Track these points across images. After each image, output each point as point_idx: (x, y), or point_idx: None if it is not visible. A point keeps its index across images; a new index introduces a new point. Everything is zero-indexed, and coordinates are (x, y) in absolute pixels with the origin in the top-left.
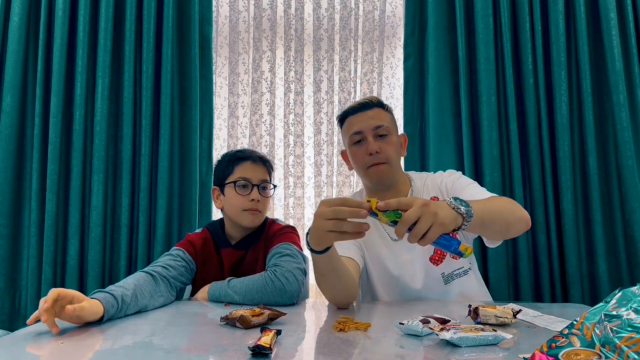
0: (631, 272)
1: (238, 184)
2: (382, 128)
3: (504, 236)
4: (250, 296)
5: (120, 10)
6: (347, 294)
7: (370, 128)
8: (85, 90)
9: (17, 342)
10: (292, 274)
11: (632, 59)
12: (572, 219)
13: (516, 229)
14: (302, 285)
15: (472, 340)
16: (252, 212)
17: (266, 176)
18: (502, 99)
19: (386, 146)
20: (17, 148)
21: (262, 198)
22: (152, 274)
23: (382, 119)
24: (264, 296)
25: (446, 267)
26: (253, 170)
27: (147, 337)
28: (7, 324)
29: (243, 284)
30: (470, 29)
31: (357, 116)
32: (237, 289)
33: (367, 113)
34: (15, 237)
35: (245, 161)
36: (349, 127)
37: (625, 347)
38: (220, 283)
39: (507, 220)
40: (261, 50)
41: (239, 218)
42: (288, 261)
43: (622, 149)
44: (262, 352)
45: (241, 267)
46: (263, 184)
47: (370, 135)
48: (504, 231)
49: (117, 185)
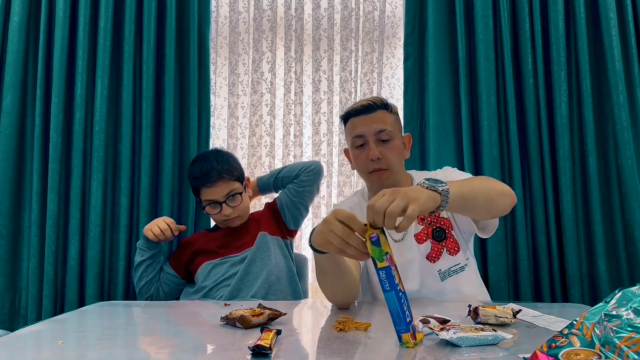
0: (631, 272)
1: (207, 206)
2: (385, 133)
3: (490, 212)
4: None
5: (120, 10)
6: (347, 293)
7: (373, 132)
8: (85, 90)
9: (17, 342)
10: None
11: (632, 59)
12: (572, 219)
13: (501, 203)
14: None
15: (472, 340)
16: (231, 221)
17: (229, 187)
18: (502, 99)
19: (388, 152)
20: (17, 148)
21: (233, 208)
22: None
23: (385, 122)
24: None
25: (442, 264)
26: (213, 192)
27: (147, 337)
28: (7, 324)
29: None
30: (470, 29)
31: (360, 119)
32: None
33: (370, 116)
34: (16, 237)
35: (204, 186)
36: (351, 129)
37: (625, 347)
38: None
39: (489, 195)
40: (261, 50)
41: (221, 225)
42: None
43: (622, 149)
44: (262, 352)
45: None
46: (230, 195)
47: (372, 140)
48: (488, 207)
49: (116, 186)
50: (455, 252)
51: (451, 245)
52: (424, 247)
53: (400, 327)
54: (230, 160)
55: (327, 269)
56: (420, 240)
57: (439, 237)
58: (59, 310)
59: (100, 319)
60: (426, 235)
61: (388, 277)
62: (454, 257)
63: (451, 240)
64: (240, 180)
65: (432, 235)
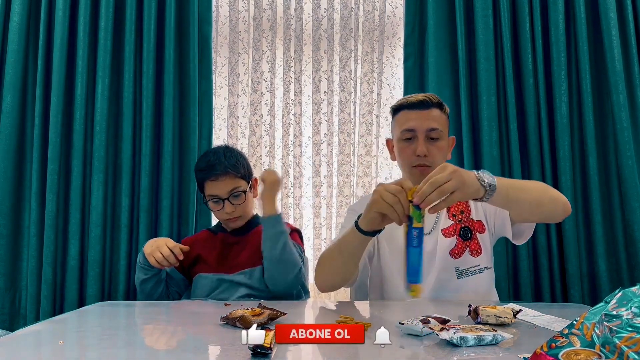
0: (631, 272)
1: (210, 201)
2: (436, 132)
3: (535, 215)
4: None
5: (121, 10)
6: (345, 276)
7: (424, 129)
8: (86, 90)
9: (17, 342)
10: (292, 251)
11: (632, 59)
12: (572, 219)
13: (550, 210)
14: (299, 279)
15: (472, 340)
16: (232, 221)
17: (234, 183)
18: (502, 99)
19: (435, 150)
20: (17, 148)
21: (235, 207)
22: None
23: (438, 121)
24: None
25: (462, 263)
26: (217, 186)
27: (147, 336)
28: (7, 324)
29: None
30: (470, 29)
31: (414, 112)
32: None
33: (424, 112)
34: (15, 237)
35: (209, 179)
36: (403, 122)
37: (625, 347)
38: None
39: (538, 199)
40: (261, 50)
41: (223, 224)
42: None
43: (622, 149)
44: (262, 352)
45: (231, 252)
46: (232, 193)
47: (422, 136)
48: (534, 210)
49: (117, 186)
50: (477, 254)
51: (474, 247)
52: (449, 241)
53: (414, 279)
54: (238, 157)
55: (351, 249)
56: (447, 234)
57: (465, 235)
58: (58, 310)
59: (100, 319)
60: (454, 231)
61: (419, 236)
62: (475, 258)
63: (475, 242)
64: (246, 178)
65: (459, 232)
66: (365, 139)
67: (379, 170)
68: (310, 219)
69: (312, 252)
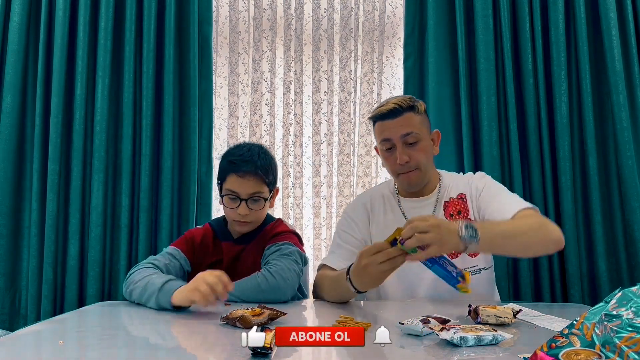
0: (631, 272)
1: (226, 196)
2: (411, 136)
3: (522, 256)
4: (245, 295)
5: (121, 10)
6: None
7: (399, 136)
8: (86, 90)
9: (17, 342)
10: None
11: (632, 59)
12: (572, 219)
13: (538, 250)
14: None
15: (472, 340)
16: (240, 224)
17: (258, 187)
18: (502, 99)
19: (416, 154)
20: (17, 148)
21: (251, 211)
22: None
23: (412, 124)
24: (259, 294)
25: (459, 263)
26: (241, 184)
27: (147, 336)
28: (7, 324)
29: (239, 284)
30: (470, 29)
31: (387, 122)
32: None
33: (395, 120)
34: (16, 237)
35: (235, 173)
36: (379, 132)
37: (625, 347)
38: None
39: (525, 243)
40: (261, 50)
41: (230, 224)
42: (285, 261)
43: (622, 149)
44: (262, 352)
45: (238, 262)
46: (253, 196)
47: (399, 143)
48: (520, 253)
49: (117, 186)
50: (475, 255)
51: None
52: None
53: (453, 282)
54: (271, 162)
55: (346, 292)
56: None
57: None
58: (58, 310)
59: (100, 319)
60: None
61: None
62: (473, 259)
63: None
64: (270, 186)
65: None
66: (365, 139)
67: (378, 170)
68: (310, 219)
69: (312, 252)
